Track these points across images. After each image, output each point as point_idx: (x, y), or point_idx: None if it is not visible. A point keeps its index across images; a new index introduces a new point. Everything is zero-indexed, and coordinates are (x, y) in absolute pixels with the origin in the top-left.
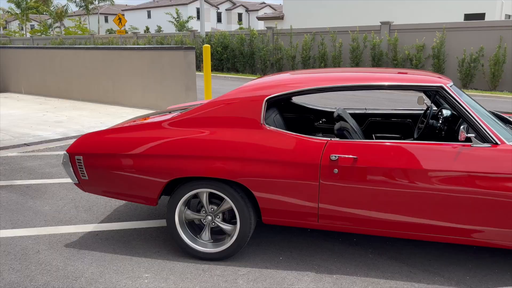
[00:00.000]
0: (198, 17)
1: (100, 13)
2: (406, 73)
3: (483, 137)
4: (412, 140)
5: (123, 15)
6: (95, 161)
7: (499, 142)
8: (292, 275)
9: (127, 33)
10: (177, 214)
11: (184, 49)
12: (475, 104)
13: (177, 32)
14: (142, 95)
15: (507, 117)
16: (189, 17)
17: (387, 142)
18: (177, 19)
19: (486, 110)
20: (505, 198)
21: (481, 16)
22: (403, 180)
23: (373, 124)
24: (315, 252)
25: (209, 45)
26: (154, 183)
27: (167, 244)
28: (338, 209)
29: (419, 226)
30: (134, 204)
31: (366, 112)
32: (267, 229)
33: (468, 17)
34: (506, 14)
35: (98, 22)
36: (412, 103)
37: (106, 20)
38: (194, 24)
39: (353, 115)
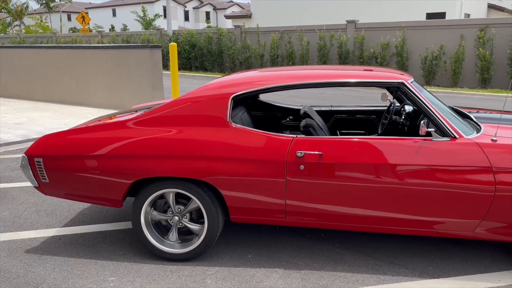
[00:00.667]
0: (165, 16)
1: (63, 11)
2: (371, 70)
3: (442, 132)
4: (376, 135)
5: (87, 13)
6: (56, 163)
7: (457, 136)
8: (261, 272)
9: (91, 31)
10: (143, 215)
11: (150, 47)
12: (435, 99)
13: (144, 30)
14: (108, 95)
15: (466, 112)
16: (156, 15)
17: (351, 138)
18: (143, 18)
19: (446, 105)
20: (463, 190)
21: (442, 15)
22: (367, 175)
23: (339, 121)
24: (284, 248)
25: (175, 44)
26: (118, 184)
27: (133, 247)
28: (305, 205)
29: (384, 219)
30: (99, 206)
31: (332, 109)
32: (236, 228)
33: (429, 16)
34: (465, 13)
35: (61, 21)
36: (378, 100)
37: (69, 19)
38: (161, 23)
39: (319, 112)
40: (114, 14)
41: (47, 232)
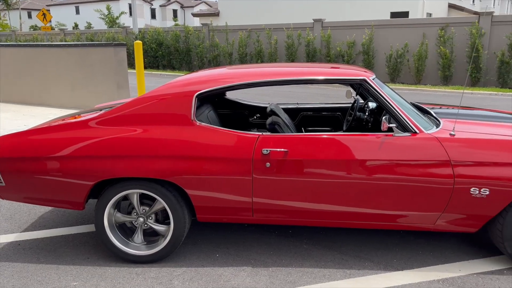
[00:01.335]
0: (131, 13)
1: (22, 8)
2: (338, 68)
3: (403, 127)
4: (341, 132)
5: (48, 10)
6: (13, 165)
7: (417, 131)
8: (229, 271)
9: (54, 29)
10: (106, 217)
11: (114, 45)
12: (396, 95)
13: (109, 28)
14: (71, 94)
15: (426, 108)
16: (121, 13)
17: (316, 135)
18: (107, 15)
19: (407, 101)
20: (424, 184)
21: (405, 14)
22: (332, 171)
23: (306, 118)
24: (252, 246)
25: (140, 42)
26: (79, 186)
27: (97, 250)
28: (272, 202)
29: (349, 214)
30: (61, 209)
31: (298, 106)
32: (203, 227)
33: (394, 15)
34: (427, 13)
35: (20, 18)
36: (345, 98)
37: (30, 16)
38: (126, 21)
39: (286, 110)
40: (77, 12)
41: (6, 238)
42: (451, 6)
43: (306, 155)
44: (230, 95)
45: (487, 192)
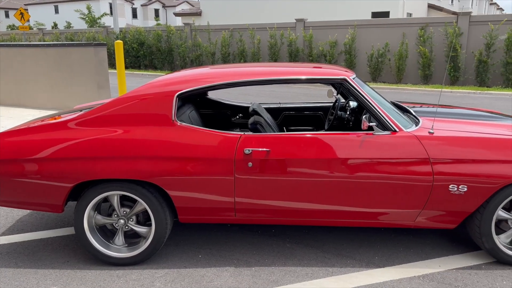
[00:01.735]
0: (112, 13)
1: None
2: (320, 68)
3: (383, 125)
4: (322, 131)
5: (26, 10)
6: None
7: (397, 130)
8: (212, 272)
9: (32, 29)
10: (86, 220)
11: (94, 45)
12: (376, 94)
13: (89, 28)
14: (50, 95)
15: (406, 107)
16: (103, 14)
17: (297, 134)
18: (88, 15)
19: (386, 100)
20: (404, 181)
21: (386, 14)
22: (314, 169)
23: (288, 118)
24: (235, 246)
25: (121, 41)
26: (58, 188)
27: (77, 253)
28: (254, 202)
29: (331, 212)
30: (40, 212)
31: (281, 106)
32: (186, 228)
33: (375, 15)
34: (407, 13)
35: None
36: (327, 97)
37: (7, 15)
38: (107, 20)
39: (269, 110)
40: (56, 11)
41: None
42: (431, 6)
43: (288, 155)
44: (212, 95)
45: (465, 189)
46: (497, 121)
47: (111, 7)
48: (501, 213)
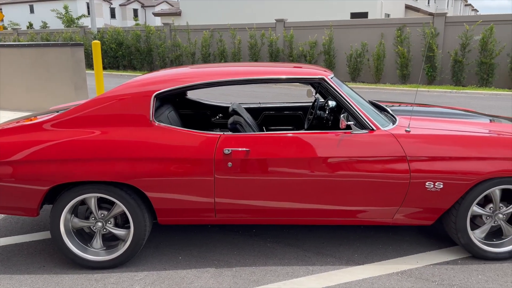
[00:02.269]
0: (89, 13)
1: None
2: (300, 67)
3: (361, 124)
4: (302, 131)
5: (0, 9)
6: None
7: (375, 128)
8: (192, 273)
9: (6, 29)
10: (63, 223)
11: (71, 45)
12: (354, 94)
13: (66, 28)
14: (26, 96)
15: (383, 106)
16: (82, 15)
17: (277, 134)
18: (65, 14)
19: (364, 100)
20: (382, 179)
21: (364, 14)
22: (293, 169)
23: (268, 118)
24: (215, 247)
25: (99, 42)
26: (33, 191)
27: (53, 257)
28: (234, 202)
29: (311, 211)
30: (15, 217)
31: (261, 106)
32: (166, 230)
33: (353, 15)
34: (385, 13)
35: None
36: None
37: None
38: (85, 20)
39: (249, 110)
40: (31, 11)
41: None
42: (408, 7)
43: (267, 154)
44: (192, 95)
45: (441, 186)
46: (471, 119)
47: (88, 7)
48: (475, 209)
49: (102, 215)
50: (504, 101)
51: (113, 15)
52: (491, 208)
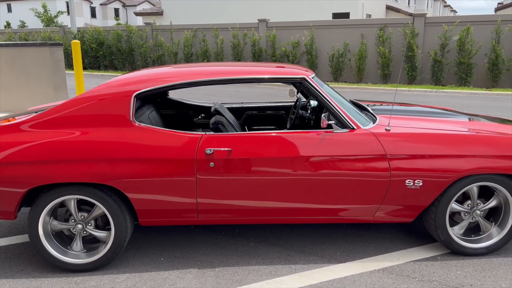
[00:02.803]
0: (69, 12)
1: None
2: (283, 67)
3: (342, 123)
4: (283, 130)
5: None
6: None
7: (355, 127)
8: (174, 275)
9: None
10: (41, 226)
11: (49, 45)
12: (335, 93)
13: (45, 27)
14: (3, 97)
15: (364, 105)
16: (58, 12)
17: (259, 133)
18: (44, 13)
19: (345, 99)
20: (363, 177)
21: (346, 15)
22: (276, 168)
23: (251, 117)
24: (198, 248)
25: (78, 41)
26: (10, 194)
27: (32, 261)
28: (217, 202)
29: (294, 210)
30: None
31: (243, 106)
32: (148, 231)
33: (335, 16)
34: (367, 14)
35: None
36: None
37: None
38: (65, 20)
39: (231, 110)
40: (9, 10)
41: None
42: (389, 8)
43: (249, 154)
44: (174, 95)
45: (421, 183)
46: (450, 118)
47: (68, 6)
48: (454, 205)
49: (82, 217)
50: (482, 100)
51: (93, 15)
52: (469, 205)
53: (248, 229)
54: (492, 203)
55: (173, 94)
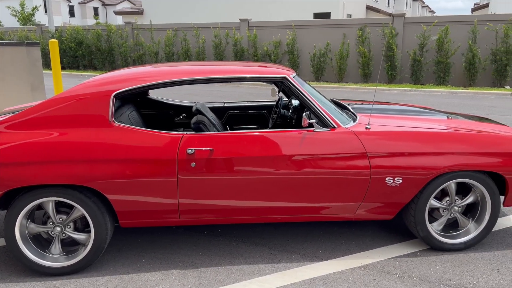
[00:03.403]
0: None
1: None
2: (265, 67)
3: (323, 122)
4: (265, 129)
5: None
6: None
7: (336, 126)
8: (156, 276)
9: None
10: (18, 229)
11: (26, 44)
12: (316, 92)
13: (21, 26)
14: None
15: (345, 104)
16: (34, 8)
17: (240, 133)
18: (20, 12)
19: (326, 98)
20: (344, 175)
21: (327, 15)
22: (257, 167)
23: (233, 117)
24: (180, 248)
25: (56, 40)
26: None
27: (9, 265)
28: (199, 202)
29: (276, 209)
30: None
31: (225, 105)
32: (129, 232)
33: (316, 15)
34: (347, 14)
35: None
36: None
37: None
38: (42, 18)
39: (213, 109)
40: None
41: None
42: (369, 8)
43: (231, 153)
44: (155, 94)
45: (400, 181)
46: (429, 116)
47: (45, 4)
48: (433, 202)
49: (61, 219)
50: (460, 98)
51: (72, 14)
52: (448, 201)
53: (231, 229)
54: (470, 199)
55: (154, 94)
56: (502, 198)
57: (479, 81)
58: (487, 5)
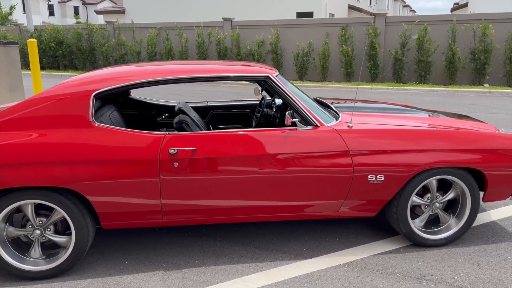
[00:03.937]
0: (25, 10)
1: None
2: (248, 66)
3: (305, 121)
4: (248, 128)
5: None
6: None
7: (318, 124)
8: (139, 278)
9: None
10: None
11: (4, 44)
12: (299, 91)
13: None
14: None
15: (327, 102)
16: (12, 6)
17: (223, 132)
18: None
19: (309, 97)
20: (327, 174)
21: (310, 14)
22: (241, 167)
23: (216, 116)
24: (164, 249)
25: (35, 40)
26: None
27: None
28: (182, 202)
29: (259, 208)
30: None
31: (208, 105)
32: (111, 234)
33: (299, 15)
34: (330, 13)
35: None
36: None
37: None
38: (20, 17)
39: (196, 109)
40: None
41: None
42: (351, 7)
43: (214, 153)
44: (136, 94)
45: (383, 178)
46: (410, 114)
47: (24, 3)
48: (415, 199)
49: (41, 222)
50: (440, 96)
51: (51, 13)
52: (429, 198)
53: (215, 228)
54: (450, 195)
55: (135, 94)
56: (481, 194)
57: (459, 80)
58: (466, 5)
